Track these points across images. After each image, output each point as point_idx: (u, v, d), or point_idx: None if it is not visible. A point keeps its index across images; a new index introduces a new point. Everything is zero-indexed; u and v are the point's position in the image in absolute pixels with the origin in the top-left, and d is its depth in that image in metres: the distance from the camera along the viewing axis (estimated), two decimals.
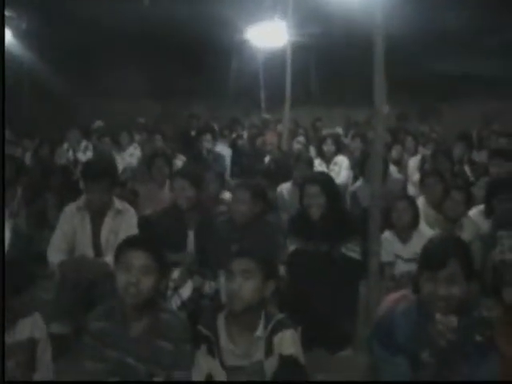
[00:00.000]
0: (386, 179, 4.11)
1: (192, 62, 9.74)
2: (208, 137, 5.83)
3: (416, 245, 3.23)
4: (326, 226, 2.98)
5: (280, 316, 2.04)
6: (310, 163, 4.69)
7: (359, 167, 4.82)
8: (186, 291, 2.95)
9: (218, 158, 5.87)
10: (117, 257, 2.00)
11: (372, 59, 3.06)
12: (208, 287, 3.05)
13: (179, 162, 5.61)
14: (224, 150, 6.52)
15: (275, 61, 8.08)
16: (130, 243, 2.01)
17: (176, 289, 2.95)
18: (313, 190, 2.99)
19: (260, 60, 9.71)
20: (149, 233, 3.06)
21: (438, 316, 1.77)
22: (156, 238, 2.16)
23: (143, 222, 3.29)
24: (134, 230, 3.05)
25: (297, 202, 3.21)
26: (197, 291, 2.99)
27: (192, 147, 6.37)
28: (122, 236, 2.60)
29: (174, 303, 2.84)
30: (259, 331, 1.98)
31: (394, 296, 2.01)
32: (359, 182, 4.66)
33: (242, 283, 1.94)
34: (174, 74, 9.98)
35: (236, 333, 2.01)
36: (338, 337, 2.87)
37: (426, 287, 1.80)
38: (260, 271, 1.98)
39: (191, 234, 3.28)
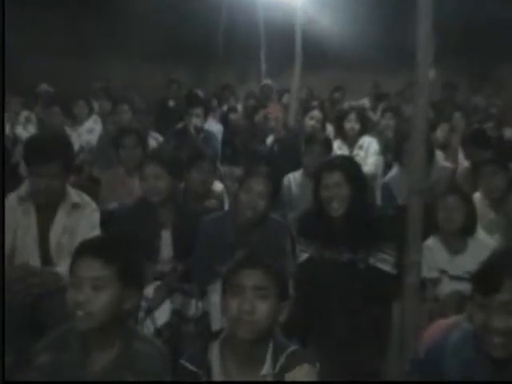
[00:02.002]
0: (430, 168, 4.11)
1: (170, 10, 9.68)
2: (198, 111, 5.81)
3: (470, 257, 3.26)
4: (350, 228, 2.99)
5: (293, 348, 2.02)
6: (328, 145, 4.68)
7: (393, 151, 4.81)
8: (163, 314, 2.96)
9: (210, 138, 5.85)
10: (71, 268, 1.99)
11: (414, 6, 3.03)
12: (194, 308, 3.05)
13: (153, 141, 5.61)
14: (212, 126, 6.50)
15: (281, 10, 8.03)
16: (83, 248, 2.00)
17: (150, 311, 2.96)
18: (333, 178, 3.00)
19: (260, 8, 9.65)
20: (111, 234, 3.06)
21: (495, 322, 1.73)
22: (121, 240, 2.13)
23: (107, 220, 3.29)
24: (95, 230, 3.05)
25: (310, 197, 3.20)
26: (177, 314, 3.00)
27: (171, 122, 6.35)
28: (80, 238, 2.60)
29: (146, 330, 2.85)
30: (266, 368, 1.97)
31: (443, 323, 2.00)
32: (393, 172, 4.66)
33: (255, 304, 1.92)
34: (145, 24, 9.92)
35: (235, 369, 1.99)
36: (364, 375, 2.88)
37: (477, 316, 1.78)
38: (276, 288, 1.97)
39: (166, 236, 3.30)
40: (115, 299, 1.94)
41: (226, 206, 4.23)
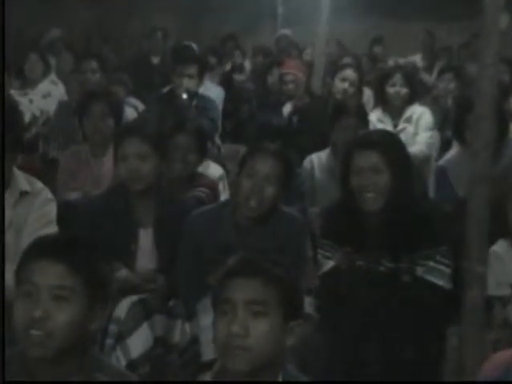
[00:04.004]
0: (502, 148, 4.10)
1: None
2: (191, 70, 5.78)
3: None
4: (391, 227, 2.99)
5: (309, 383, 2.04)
6: (363, 117, 4.69)
7: (453, 126, 4.78)
8: (139, 342, 2.96)
9: (207, 106, 5.82)
10: (18, 274, 2.00)
11: None
12: (179, 333, 3.07)
13: (130, 110, 5.63)
14: (210, 90, 6.50)
15: None
16: (39, 248, 2.01)
17: (121, 337, 2.97)
18: (368, 161, 2.99)
19: None
20: (74, 232, 3.07)
21: None
22: (87, 241, 2.16)
23: (67, 214, 3.30)
24: (50, 227, 3.07)
25: (338, 184, 3.21)
26: (158, 341, 3.01)
27: (154, 84, 6.34)
28: (30, 236, 2.62)
29: (116, 363, 2.84)
30: None
31: (506, 354, 2.00)
32: (452, 152, 4.64)
33: (249, 324, 1.92)
34: None
35: None
36: None
37: None
38: (280, 305, 1.96)
39: (146, 238, 3.32)
40: (81, 316, 1.95)
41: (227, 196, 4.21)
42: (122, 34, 9.65)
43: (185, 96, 5.48)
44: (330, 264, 3.10)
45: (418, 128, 5.27)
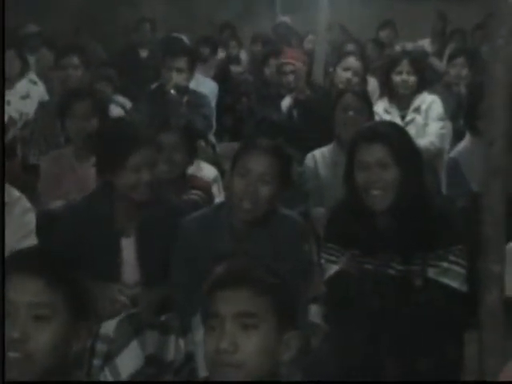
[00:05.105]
0: None
1: None
2: (181, 63, 5.76)
3: None
4: (400, 227, 2.99)
5: None
6: (367, 100, 4.70)
7: (465, 115, 4.78)
8: (129, 361, 2.96)
9: (199, 102, 5.81)
10: None
11: None
12: (173, 350, 3.07)
13: (117, 109, 5.65)
14: (202, 84, 6.50)
15: None
16: (16, 263, 2.01)
17: (109, 357, 2.96)
18: (373, 154, 2.99)
19: None
20: (54, 244, 3.08)
21: None
22: (66, 252, 2.15)
23: (49, 223, 3.31)
24: (29, 239, 3.10)
25: (342, 181, 3.20)
26: (151, 360, 3.01)
27: (143, 80, 6.32)
28: (7, 249, 2.59)
29: None
30: None
31: None
32: (464, 143, 4.64)
33: (238, 339, 1.91)
34: None
35: None
36: None
37: None
38: (273, 316, 1.96)
39: (129, 248, 3.32)
40: (63, 335, 1.95)
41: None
42: (111, 26, 9.60)
43: (173, 92, 5.48)
44: (333, 269, 3.09)
45: (428, 118, 5.26)
